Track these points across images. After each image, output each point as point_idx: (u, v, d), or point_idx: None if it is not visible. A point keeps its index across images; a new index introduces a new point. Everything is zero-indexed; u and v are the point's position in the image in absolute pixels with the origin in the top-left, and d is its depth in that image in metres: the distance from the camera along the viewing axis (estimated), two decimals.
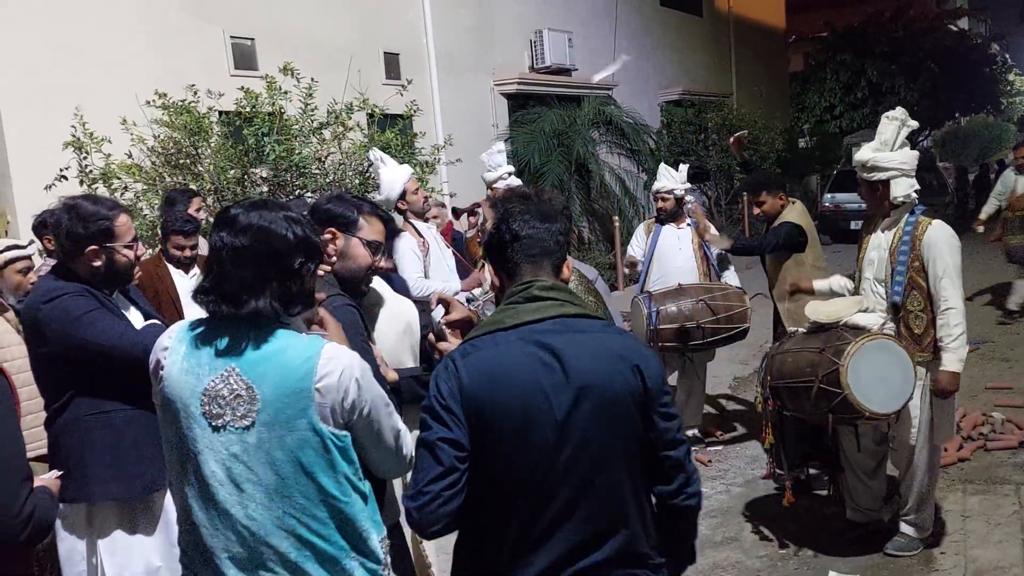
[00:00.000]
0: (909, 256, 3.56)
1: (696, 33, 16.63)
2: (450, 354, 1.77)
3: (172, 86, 6.38)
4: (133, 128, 6.23)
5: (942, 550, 3.80)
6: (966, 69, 21.48)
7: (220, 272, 1.70)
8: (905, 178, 3.58)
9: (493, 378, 1.69)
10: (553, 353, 1.69)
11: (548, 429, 1.68)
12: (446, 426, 1.68)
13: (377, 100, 7.41)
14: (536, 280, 1.79)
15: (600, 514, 1.71)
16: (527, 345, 1.71)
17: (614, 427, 1.71)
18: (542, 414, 1.67)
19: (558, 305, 1.77)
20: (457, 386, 1.70)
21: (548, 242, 1.82)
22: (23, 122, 6.26)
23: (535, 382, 1.68)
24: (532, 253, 1.82)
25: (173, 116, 6.23)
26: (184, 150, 6.32)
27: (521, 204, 1.84)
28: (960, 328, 3.47)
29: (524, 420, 1.67)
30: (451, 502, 1.66)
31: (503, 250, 1.83)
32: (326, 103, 6.78)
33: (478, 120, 10.57)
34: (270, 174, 6.48)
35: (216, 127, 6.43)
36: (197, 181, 6.27)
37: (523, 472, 1.69)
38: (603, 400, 1.69)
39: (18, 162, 6.33)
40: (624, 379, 1.71)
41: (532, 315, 1.74)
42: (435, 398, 1.71)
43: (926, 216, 3.61)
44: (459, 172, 8.43)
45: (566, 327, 1.74)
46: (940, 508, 4.13)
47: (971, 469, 4.67)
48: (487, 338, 1.75)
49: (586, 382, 1.68)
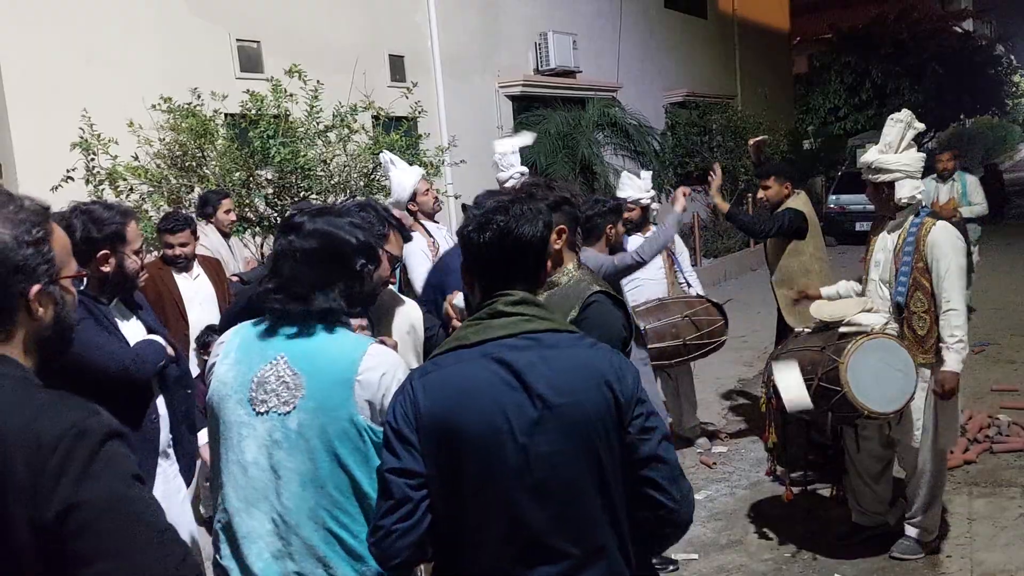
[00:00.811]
0: (913, 257, 3.57)
1: (700, 35, 16.63)
2: (409, 375, 1.69)
3: (178, 88, 6.40)
4: (139, 130, 6.26)
5: (948, 553, 3.79)
6: (971, 71, 21.43)
7: (290, 274, 1.82)
8: (910, 180, 3.59)
9: (453, 398, 1.58)
10: (513, 371, 1.58)
11: (512, 453, 1.55)
12: (395, 454, 1.59)
13: (382, 102, 7.43)
14: (503, 294, 1.67)
15: (576, 544, 1.57)
16: (489, 363, 1.60)
17: (585, 449, 1.58)
18: (505, 436, 1.56)
19: (525, 320, 1.65)
20: (412, 408, 1.59)
21: (515, 249, 1.68)
22: (31, 123, 6.28)
23: (496, 402, 1.57)
24: (496, 263, 1.69)
25: (179, 119, 6.26)
26: (190, 152, 6.34)
27: (493, 207, 1.71)
28: (961, 329, 3.48)
29: (486, 443, 1.56)
30: (408, 535, 1.56)
31: (472, 259, 1.72)
32: (331, 105, 6.80)
33: (483, 122, 10.58)
34: (275, 176, 6.49)
35: (222, 129, 6.45)
36: (203, 183, 6.29)
37: (489, 499, 1.57)
38: (571, 420, 1.57)
39: (25, 162, 6.35)
40: (594, 396, 1.59)
41: (498, 331, 1.63)
42: (388, 423, 1.62)
43: (931, 217, 3.61)
44: (464, 173, 8.44)
45: (534, 343, 1.62)
46: (946, 511, 4.11)
47: (977, 472, 4.66)
48: (450, 355, 1.65)
49: (552, 402, 1.57)
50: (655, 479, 1.60)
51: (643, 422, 1.61)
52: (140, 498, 1.26)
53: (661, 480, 1.60)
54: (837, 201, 15.50)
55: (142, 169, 6.17)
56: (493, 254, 1.68)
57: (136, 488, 1.26)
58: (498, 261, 1.68)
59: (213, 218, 5.34)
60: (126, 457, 1.26)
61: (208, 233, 5.25)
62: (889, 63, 20.53)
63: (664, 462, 1.61)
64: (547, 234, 1.72)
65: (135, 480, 1.26)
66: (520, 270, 1.70)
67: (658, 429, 1.63)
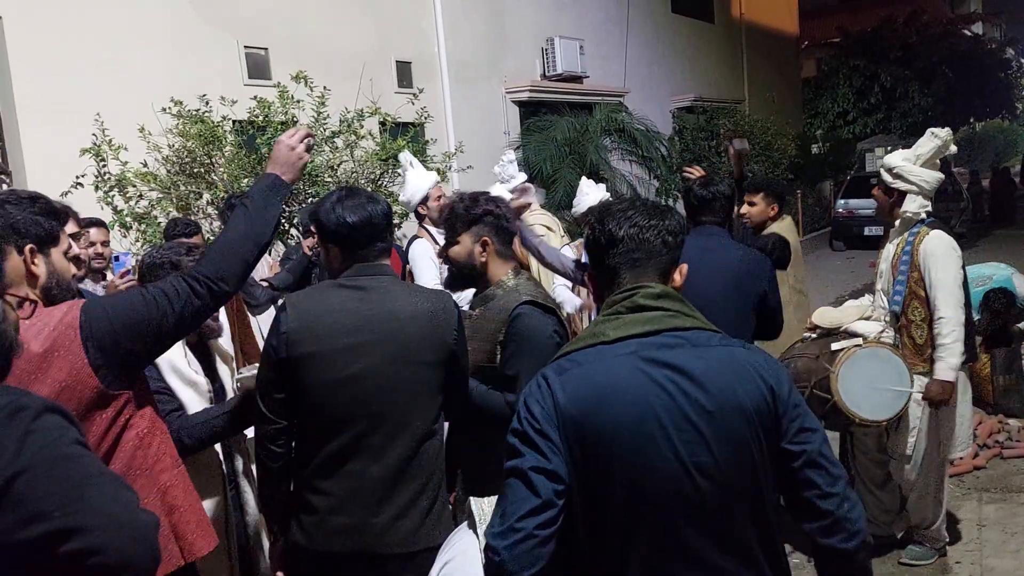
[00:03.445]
0: (909, 266, 3.57)
1: (708, 39, 16.61)
2: (542, 371, 1.52)
3: (187, 95, 6.44)
4: (149, 136, 6.30)
5: (957, 559, 3.77)
6: (981, 74, 21.33)
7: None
8: (922, 197, 3.58)
9: (597, 398, 1.44)
10: (671, 371, 1.45)
11: (668, 461, 1.42)
12: (541, 454, 1.43)
13: (389, 108, 7.45)
14: (641, 286, 1.54)
15: (730, 556, 1.45)
16: (637, 361, 1.46)
17: (744, 457, 1.45)
18: (658, 442, 1.42)
19: (670, 316, 1.52)
20: (552, 407, 1.45)
21: (653, 242, 1.57)
22: (41, 129, 6.33)
23: (648, 404, 1.43)
24: (634, 256, 1.57)
25: (187, 125, 6.29)
26: (198, 159, 6.38)
27: (622, 203, 1.64)
28: (951, 338, 3.45)
29: (639, 450, 1.42)
30: (547, 543, 1.40)
31: (599, 255, 1.60)
32: (338, 112, 6.82)
33: (490, 128, 10.60)
34: None
35: (230, 136, 6.48)
36: (211, 190, 6.32)
37: (639, 509, 1.43)
38: (731, 426, 1.44)
39: (35, 169, 6.40)
40: (755, 400, 1.46)
41: (640, 327, 1.49)
42: (527, 420, 1.46)
43: (928, 227, 3.60)
44: (471, 179, 8.45)
45: (682, 341, 1.49)
46: (956, 517, 4.09)
47: (987, 477, 4.63)
48: (588, 352, 1.50)
49: (710, 406, 1.43)
50: (818, 483, 1.47)
51: (801, 422, 1.49)
52: (84, 454, 1.32)
53: (823, 483, 1.47)
54: (846, 205, 15.45)
55: (151, 175, 6.21)
56: (625, 241, 1.56)
57: (79, 448, 1.32)
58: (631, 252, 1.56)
59: None
60: (64, 426, 1.32)
61: None
62: (898, 66, 20.46)
63: (828, 463, 1.49)
64: (682, 223, 1.64)
65: (77, 444, 1.32)
66: (651, 259, 1.57)
67: (818, 430, 1.51)
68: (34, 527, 1.23)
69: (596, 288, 1.65)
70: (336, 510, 2.05)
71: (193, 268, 1.92)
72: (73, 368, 1.72)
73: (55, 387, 1.70)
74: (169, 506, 1.88)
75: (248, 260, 1.93)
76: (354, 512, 2.05)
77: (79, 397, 1.73)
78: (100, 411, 1.77)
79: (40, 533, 1.23)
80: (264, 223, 1.97)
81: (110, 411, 1.79)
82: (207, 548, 1.95)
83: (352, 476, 2.05)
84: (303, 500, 2.10)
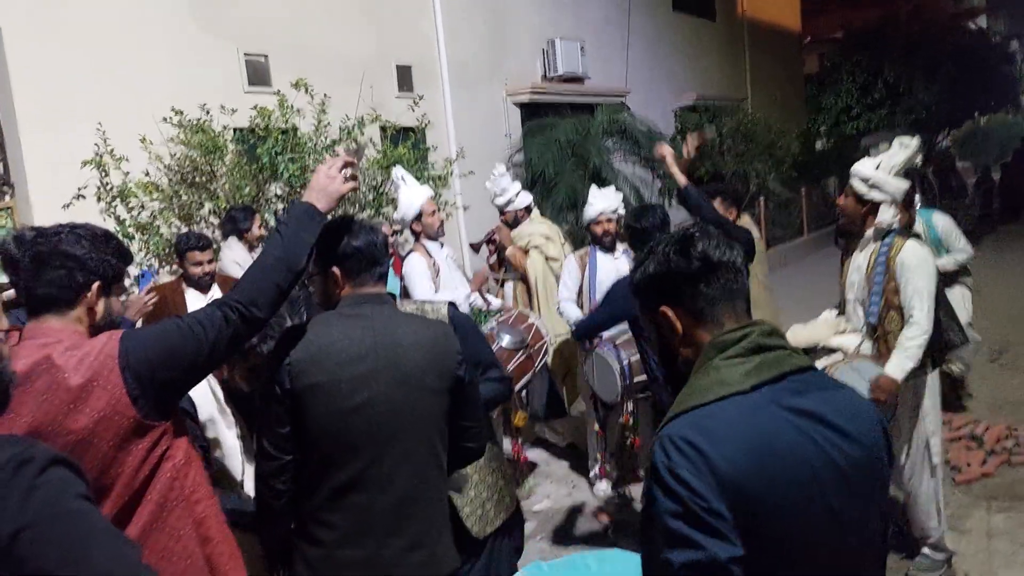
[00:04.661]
0: (884, 277, 3.54)
1: (710, 37, 16.54)
2: (675, 432, 1.28)
3: (188, 103, 6.42)
4: (150, 146, 6.28)
5: (966, 570, 3.74)
6: (985, 68, 21.19)
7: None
8: (894, 207, 3.57)
9: (756, 459, 1.25)
10: (813, 420, 1.30)
11: (824, 520, 1.28)
12: (726, 539, 1.21)
13: (389, 114, 7.43)
14: (755, 323, 1.39)
15: None
16: (780, 411, 1.30)
17: (877, 505, 1.35)
18: (817, 501, 1.28)
19: (787, 356, 1.36)
20: (713, 479, 1.22)
21: (742, 270, 1.42)
22: (41, 140, 6.32)
23: (803, 461, 1.28)
24: (732, 287, 1.40)
25: (188, 135, 6.28)
26: (200, 168, 6.36)
27: (700, 225, 1.47)
28: (915, 343, 3.42)
29: (799, 511, 1.26)
30: None
31: (690, 283, 1.40)
32: (339, 118, 6.80)
33: (491, 131, 10.57)
34: (285, 191, 6.51)
35: (231, 145, 6.46)
36: (213, 200, 6.31)
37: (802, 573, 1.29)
38: (869, 473, 1.33)
39: (37, 180, 6.39)
40: (882, 448, 1.36)
41: (769, 371, 1.33)
42: (691, 500, 1.22)
43: (900, 236, 3.57)
44: (473, 184, 8.43)
45: (809, 385, 1.35)
46: (964, 527, 4.06)
47: (995, 485, 4.59)
48: (724, 404, 1.30)
49: (854, 455, 1.31)
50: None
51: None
52: (88, 510, 1.32)
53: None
54: None
55: (153, 185, 6.20)
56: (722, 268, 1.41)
57: (83, 503, 1.31)
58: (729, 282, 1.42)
59: (248, 233, 5.35)
60: (70, 480, 1.32)
61: (236, 249, 5.27)
62: (902, 62, 20.36)
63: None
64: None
65: (82, 498, 1.31)
66: (743, 290, 1.43)
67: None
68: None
69: (679, 326, 1.43)
70: (343, 543, 2.03)
71: (226, 295, 1.94)
72: (112, 398, 1.74)
73: (94, 417, 1.72)
74: (204, 537, 1.89)
75: (282, 286, 1.94)
76: (362, 544, 2.02)
77: (117, 427, 1.74)
78: (138, 440, 1.78)
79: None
80: (298, 250, 1.97)
81: (147, 441, 1.79)
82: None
83: (359, 508, 2.02)
84: (308, 534, 2.07)
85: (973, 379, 6.04)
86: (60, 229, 1.86)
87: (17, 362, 1.72)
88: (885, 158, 3.60)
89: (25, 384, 1.71)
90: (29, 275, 1.82)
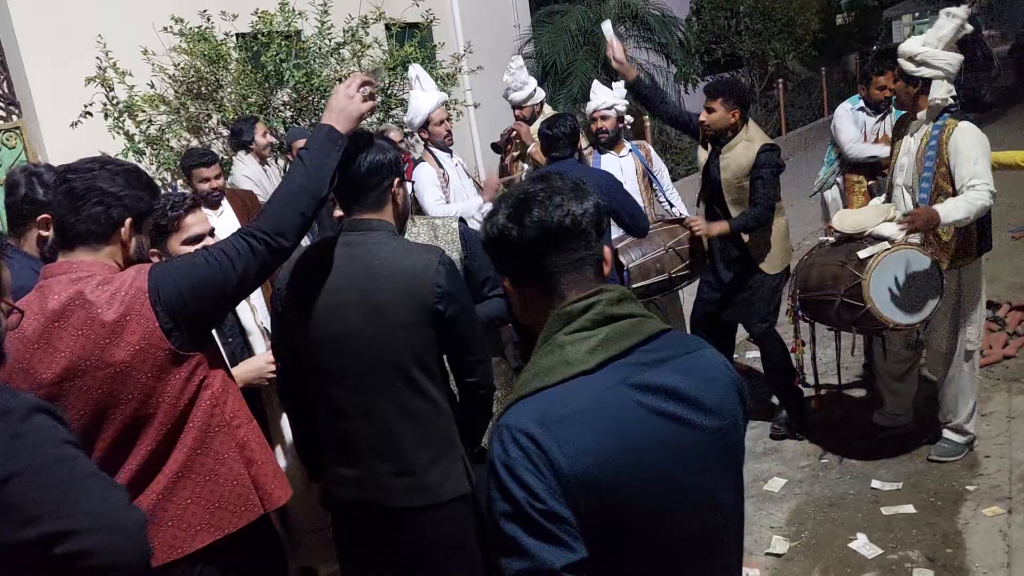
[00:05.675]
0: (935, 162, 3.43)
1: None
2: (514, 423, 1.18)
3: (187, 10, 6.22)
4: (153, 57, 6.13)
5: (987, 453, 3.81)
6: None
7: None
8: (947, 82, 3.41)
9: (605, 451, 1.16)
10: (667, 396, 1.21)
11: (680, 501, 1.21)
12: (563, 544, 1.13)
13: (394, 11, 7.16)
14: (600, 291, 1.26)
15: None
16: (629, 392, 1.20)
17: (731, 477, 1.28)
18: (668, 483, 1.20)
19: (638, 324, 1.25)
20: (553, 477, 1.14)
21: (590, 233, 1.27)
22: (44, 58, 6.18)
23: (654, 443, 1.19)
24: (575, 257, 1.27)
25: (191, 44, 6.11)
26: (205, 78, 6.22)
27: (541, 183, 1.30)
28: (980, 201, 3.25)
29: (658, 502, 1.19)
30: None
31: (527, 254, 1.27)
32: (342, 19, 6.57)
33: (500, 23, 10.19)
34: (292, 98, 6.37)
35: (234, 53, 6.29)
36: (221, 111, 6.20)
37: (662, 567, 1.22)
38: (729, 447, 1.26)
39: (43, 99, 6.29)
40: (738, 412, 1.29)
41: (617, 345, 1.22)
42: (527, 502, 1.13)
43: (954, 117, 3.44)
44: (482, 80, 8.20)
45: (659, 354, 1.24)
46: (985, 409, 4.11)
47: (1017, 367, 4.62)
48: (569, 387, 1.20)
49: (710, 427, 1.23)
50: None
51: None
52: (75, 455, 1.35)
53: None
54: None
55: (159, 98, 6.09)
56: (560, 233, 1.27)
57: (70, 449, 1.35)
58: (571, 248, 1.28)
59: (252, 144, 5.24)
60: (54, 426, 1.35)
61: (247, 163, 5.17)
62: None
63: None
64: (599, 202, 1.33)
65: (68, 444, 1.35)
66: (591, 253, 1.29)
67: None
68: (27, 531, 1.27)
69: (525, 299, 1.32)
70: (339, 462, 2.12)
71: (251, 224, 1.93)
72: (146, 332, 1.77)
73: (130, 350, 1.76)
74: (248, 459, 1.96)
75: (306, 214, 1.92)
76: (353, 465, 2.10)
77: (153, 359, 1.78)
78: (175, 370, 1.83)
79: (33, 537, 1.27)
80: (321, 175, 1.93)
81: (184, 371, 1.84)
82: (284, 498, 2.03)
83: (346, 433, 2.08)
84: (325, 449, 2.19)
85: (994, 260, 5.97)
86: (92, 165, 1.86)
87: (51, 298, 1.76)
88: (931, 32, 3.44)
89: (61, 320, 1.74)
90: (66, 210, 1.83)
